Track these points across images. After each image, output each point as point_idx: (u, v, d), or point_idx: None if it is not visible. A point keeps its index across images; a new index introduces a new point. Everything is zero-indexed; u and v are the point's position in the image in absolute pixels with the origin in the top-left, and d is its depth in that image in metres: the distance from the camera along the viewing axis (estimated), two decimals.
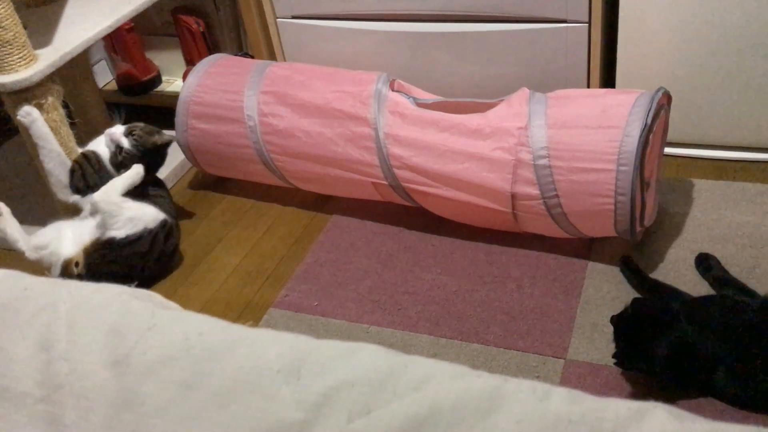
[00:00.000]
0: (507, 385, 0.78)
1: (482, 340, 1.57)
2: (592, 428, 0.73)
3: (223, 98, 1.97)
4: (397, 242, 1.88)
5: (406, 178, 1.79)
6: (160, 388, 0.83)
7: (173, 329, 0.90)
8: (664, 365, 1.36)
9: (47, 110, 1.76)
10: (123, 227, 1.78)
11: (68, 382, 0.85)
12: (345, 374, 0.81)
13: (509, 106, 1.70)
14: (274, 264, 1.88)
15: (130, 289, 1.00)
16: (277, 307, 1.73)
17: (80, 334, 0.90)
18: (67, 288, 0.98)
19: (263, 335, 0.89)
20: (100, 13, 1.93)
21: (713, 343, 1.34)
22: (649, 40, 1.88)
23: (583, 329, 1.55)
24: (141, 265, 1.81)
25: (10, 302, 0.96)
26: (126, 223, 1.78)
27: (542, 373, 1.47)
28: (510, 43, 2.02)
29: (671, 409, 0.75)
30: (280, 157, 1.94)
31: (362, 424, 0.76)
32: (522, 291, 1.68)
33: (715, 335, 1.35)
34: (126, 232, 1.78)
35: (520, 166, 1.63)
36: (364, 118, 1.80)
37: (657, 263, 1.68)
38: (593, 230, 1.68)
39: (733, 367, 1.33)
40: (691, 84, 1.89)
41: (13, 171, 1.81)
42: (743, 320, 1.36)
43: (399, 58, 2.16)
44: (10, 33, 1.64)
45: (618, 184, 1.54)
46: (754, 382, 1.32)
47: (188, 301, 1.78)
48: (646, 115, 1.54)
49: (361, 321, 1.66)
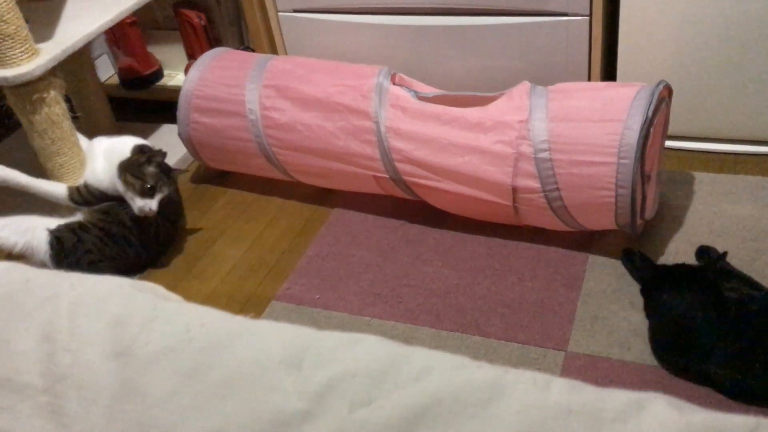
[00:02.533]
0: (507, 375, 0.79)
1: (483, 333, 1.57)
2: (592, 418, 0.73)
3: (225, 92, 1.98)
4: (398, 235, 1.88)
5: (408, 171, 1.79)
6: (163, 379, 0.84)
7: (175, 321, 0.90)
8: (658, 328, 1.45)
9: (49, 104, 1.76)
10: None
11: (71, 373, 0.86)
12: (346, 365, 0.81)
13: (510, 99, 1.70)
14: (275, 257, 1.88)
15: (133, 281, 1.00)
16: (279, 300, 1.74)
17: (83, 326, 0.90)
18: (70, 280, 0.98)
19: (265, 326, 0.89)
20: (102, 7, 1.93)
21: (712, 327, 1.36)
22: (650, 33, 1.88)
23: (583, 322, 1.56)
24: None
25: (13, 294, 0.96)
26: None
27: (543, 366, 1.48)
28: (511, 37, 2.02)
29: (671, 399, 0.76)
30: (282, 151, 1.95)
31: (363, 414, 0.77)
32: (523, 284, 1.68)
33: (715, 321, 1.37)
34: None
35: (521, 160, 1.63)
36: (366, 111, 1.80)
37: (657, 256, 1.68)
38: (594, 223, 1.68)
39: (730, 354, 1.33)
40: (692, 77, 1.89)
41: (14, 166, 1.81)
42: (746, 312, 1.37)
43: (400, 52, 2.16)
44: (12, 27, 1.64)
45: (619, 177, 1.54)
46: (751, 372, 1.32)
47: (190, 294, 1.79)
48: (646, 108, 1.54)
49: (363, 314, 1.67)
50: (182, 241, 1.98)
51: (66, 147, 1.82)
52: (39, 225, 1.76)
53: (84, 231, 1.77)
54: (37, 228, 1.75)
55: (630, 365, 1.44)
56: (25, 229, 1.74)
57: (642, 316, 1.54)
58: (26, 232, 1.74)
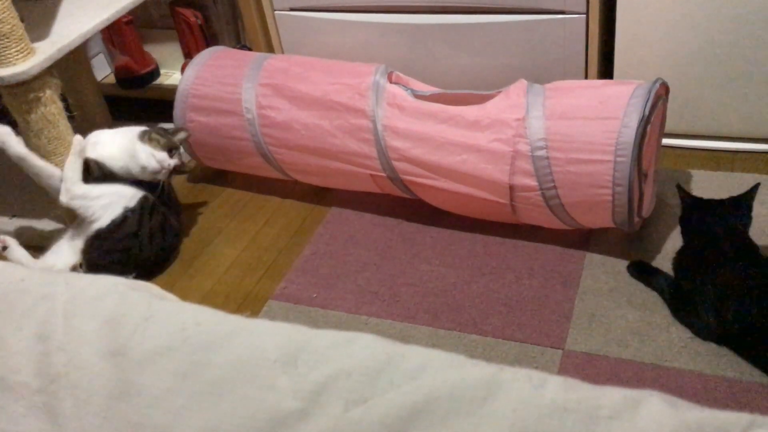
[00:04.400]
0: (503, 373, 0.79)
1: (480, 331, 1.57)
2: (587, 416, 0.73)
3: (222, 91, 1.97)
4: (395, 234, 1.88)
5: (405, 170, 1.79)
6: (158, 379, 0.83)
7: (170, 320, 0.90)
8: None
9: (45, 103, 1.76)
10: (103, 215, 1.76)
11: (65, 372, 0.86)
12: (342, 363, 0.81)
13: (507, 97, 1.70)
14: (273, 256, 1.88)
15: (127, 281, 1.00)
16: (276, 299, 1.74)
17: (77, 325, 0.90)
18: (64, 279, 0.98)
19: (260, 325, 0.89)
20: (98, 6, 1.93)
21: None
22: (647, 31, 1.88)
23: (581, 320, 1.56)
24: (137, 246, 1.79)
25: (7, 293, 0.96)
26: (103, 210, 1.76)
27: (540, 364, 1.48)
28: (508, 35, 2.01)
29: (667, 397, 0.76)
30: (279, 150, 1.94)
31: (359, 413, 0.76)
32: (520, 282, 1.68)
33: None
34: (108, 219, 1.76)
35: (518, 158, 1.63)
36: (363, 110, 1.80)
37: (654, 254, 1.68)
38: (591, 221, 1.68)
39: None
40: (689, 75, 1.89)
41: (10, 165, 1.80)
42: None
43: (397, 50, 2.16)
44: (7, 26, 1.64)
45: (616, 175, 1.54)
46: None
47: (187, 293, 1.79)
48: (643, 106, 1.54)
49: (360, 312, 1.66)
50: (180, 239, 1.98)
51: (62, 147, 1.82)
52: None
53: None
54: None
55: (627, 363, 1.44)
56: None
57: (639, 314, 1.54)
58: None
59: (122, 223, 1.77)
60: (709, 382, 1.39)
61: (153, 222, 1.83)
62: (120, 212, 1.77)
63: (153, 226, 1.83)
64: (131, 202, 1.79)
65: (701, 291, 1.45)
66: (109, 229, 1.76)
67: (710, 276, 1.45)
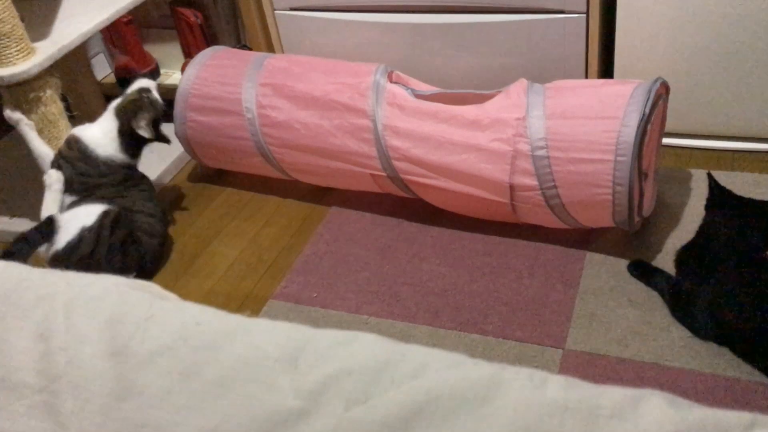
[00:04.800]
0: (504, 373, 0.79)
1: (481, 331, 1.57)
2: (589, 415, 0.73)
3: (222, 90, 1.97)
4: (395, 233, 1.88)
5: (405, 169, 1.79)
6: (158, 378, 0.83)
7: (171, 319, 0.90)
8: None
9: (46, 103, 1.76)
10: (60, 238, 1.70)
11: (66, 372, 0.86)
12: (342, 363, 0.81)
13: (507, 97, 1.70)
14: (273, 256, 1.88)
15: (128, 280, 1.00)
16: (276, 299, 1.74)
17: (78, 325, 0.90)
18: (65, 279, 0.98)
19: (261, 325, 0.89)
20: (98, 6, 1.93)
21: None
22: (647, 31, 1.88)
23: (581, 319, 1.56)
24: (97, 264, 1.71)
25: (8, 293, 0.96)
26: (61, 233, 1.70)
27: (541, 363, 1.48)
28: (508, 34, 2.01)
29: (668, 396, 0.76)
30: (279, 150, 1.94)
31: (360, 412, 0.76)
32: (520, 281, 1.68)
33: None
34: (64, 241, 1.69)
35: (518, 157, 1.63)
36: (363, 109, 1.80)
37: (655, 253, 1.68)
38: (591, 221, 1.68)
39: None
40: (690, 74, 1.89)
41: (12, 165, 1.80)
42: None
43: (397, 50, 2.16)
44: (8, 26, 1.64)
45: (616, 175, 1.54)
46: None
47: (188, 293, 1.79)
48: (644, 105, 1.54)
49: (360, 312, 1.66)
50: (179, 239, 1.98)
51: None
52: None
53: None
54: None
55: (627, 362, 1.44)
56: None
57: (640, 314, 1.54)
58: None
59: (77, 245, 1.70)
60: (710, 382, 1.39)
61: (114, 238, 1.73)
62: (75, 233, 1.70)
63: (113, 243, 1.73)
64: (88, 220, 1.72)
65: (700, 291, 1.45)
66: (65, 251, 1.70)
67: (711, 276, 1.45)
